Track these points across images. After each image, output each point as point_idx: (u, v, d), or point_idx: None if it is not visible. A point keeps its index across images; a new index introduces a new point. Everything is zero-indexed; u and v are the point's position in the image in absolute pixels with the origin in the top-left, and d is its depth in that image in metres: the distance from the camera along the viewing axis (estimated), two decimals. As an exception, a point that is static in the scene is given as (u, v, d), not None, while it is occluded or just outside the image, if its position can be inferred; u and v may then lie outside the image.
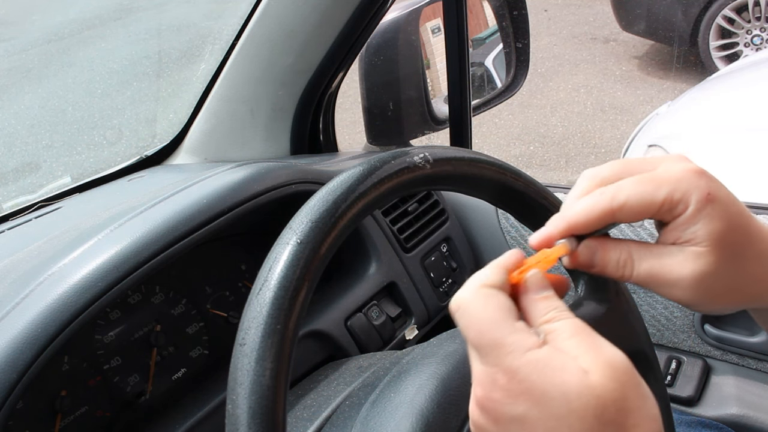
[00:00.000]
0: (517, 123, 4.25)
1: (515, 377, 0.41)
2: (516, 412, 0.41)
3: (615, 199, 0.49)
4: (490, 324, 0.43)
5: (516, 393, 0.41)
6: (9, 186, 3.83)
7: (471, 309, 0.44)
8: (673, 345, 1.20)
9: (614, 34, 5.20)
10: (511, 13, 1.40)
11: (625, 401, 0.41)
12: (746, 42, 4.37)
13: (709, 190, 0.48)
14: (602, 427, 0.40)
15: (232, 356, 0.48)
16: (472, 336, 0.44)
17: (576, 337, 0.43)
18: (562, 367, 0.41)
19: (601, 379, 0.41)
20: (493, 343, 0.43)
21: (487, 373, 0.43)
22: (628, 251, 0.51)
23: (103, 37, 5.85)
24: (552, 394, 0.41)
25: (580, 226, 0.50)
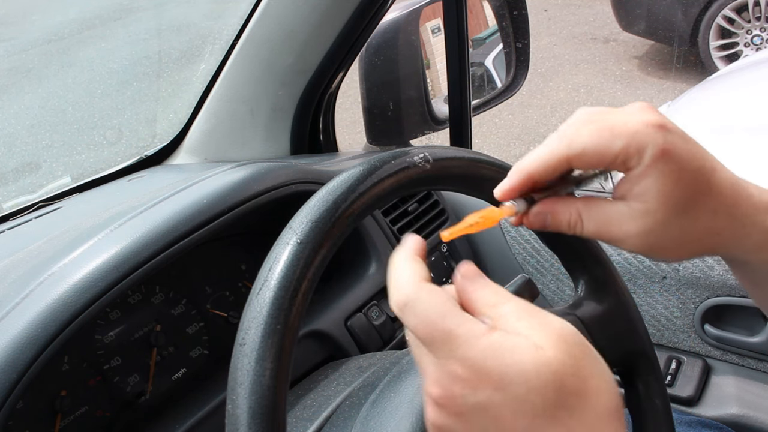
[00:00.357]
0: (517, 123, 4.25)
1: (472, 366, 0.41)
2: (478, 401, 0.41)
3: (571, 146, 0.50)
4: (439, 317, 0.43)
5: (475, 381, 0.41)
6: (9, 186, 3.83)
7: (417, 305, 0.44)
8: (673, 345, 1.20)
9: (614, 34, 5.20)
10: (511, 13, 1.40)
11: (581, 369, 0.42)
12: (746, 42, 4.37)
13: (665, 145, 0.48)
14: (564, 399, 0.41)
15: (232, 356, 0.48)
16: (423, 332, 0.43)
17: (524, 318, 0.43)
18: (515, 348, 0.41)
19: (555, 353, 0.41)
20: (446, 336, 0.42)
21: (443, 368, 0.42)
22: (576, 211, 0.52)
23: (103, 37, 5.85)
24: (510, 375, 0.41)
25: (539, 173, 0.51)
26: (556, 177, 0.52)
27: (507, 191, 0.52)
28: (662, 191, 0.49)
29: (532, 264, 1.24)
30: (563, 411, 0.41)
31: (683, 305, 1.16)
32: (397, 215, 1.15)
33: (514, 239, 1.25)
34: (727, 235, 0.51)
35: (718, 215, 0.50)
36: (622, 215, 0.50)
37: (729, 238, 0.52)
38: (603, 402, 0.42)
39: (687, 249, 0.52)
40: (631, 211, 0.50)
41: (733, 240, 0.52)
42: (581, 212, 0.52)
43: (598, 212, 0.52)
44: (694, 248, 0.52)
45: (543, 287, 1.24)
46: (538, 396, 0.41)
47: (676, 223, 0.49)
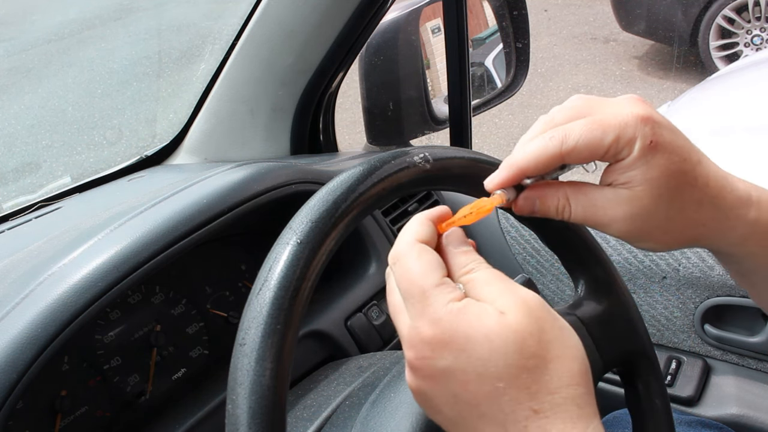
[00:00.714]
0: (517, 123, 4.25)
1: (437, 327, 0.43)
2: (446, 364, 0.43)
3: (564, 142, 0.51)
4: (419, 275, 0.46)
5: (442, 343, 0.43)
6: (9, 186, 3.83)
7: (405, 261, 0.47)
8: (673, 345, 1.20)
9: (614, 34, 5.20)
10: (511, 13, 1.40)
11: (543, 333, 0.43)
12: (746, 42, 4.37)
13: (654, 137, 0.50)
14: (525, 361, 0.42)
15: (232, 356, 0.48)
16: (404, 286, 0.46)
17: (491, 284, 0.45)
18: (480, 313, 0.43)
19: (517, 316, 0.43)
20: (420, 293, 0.45)
21: (414, 329, 0.44)
22: (564, 196, 0.53)
23: (103, 37, 5.85)
24: (474, 337, 0.43)
25: (531, 169, 0.52)
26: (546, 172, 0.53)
27: (497, 184, 0.53)
28: (649, 180, 0.50)
29: (532, 264, 1.24)
30: (525, 374, 0.42)
31: (683, 305, 1.16)
32: (397, 215, 1.15)
33: (514, 239, 1.25)
34: (712, 227, 0.53)
35: (702, 206, 0.52)
36: (609, 200, 0.52)
37: (714, 229, 0.53)
38: (567, 367, 0.43)
39: (672, 237, 0.53)
40: (618, 197, 0.51)
41: (717, 232, 0.53)
42: (569, 197, 0.53)
43: (585, 197, 0.53)
44: (678, 237, 0.53)
45: (543, 287, 1.24)
46: (500, 357, 0.42)
47: (662, 210, 0.51)
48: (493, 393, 0.42)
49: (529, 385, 0.42)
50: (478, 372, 0.43)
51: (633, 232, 0.52)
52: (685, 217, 0.52)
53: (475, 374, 0.43)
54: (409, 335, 0.45)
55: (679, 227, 0.52)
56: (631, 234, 0.52)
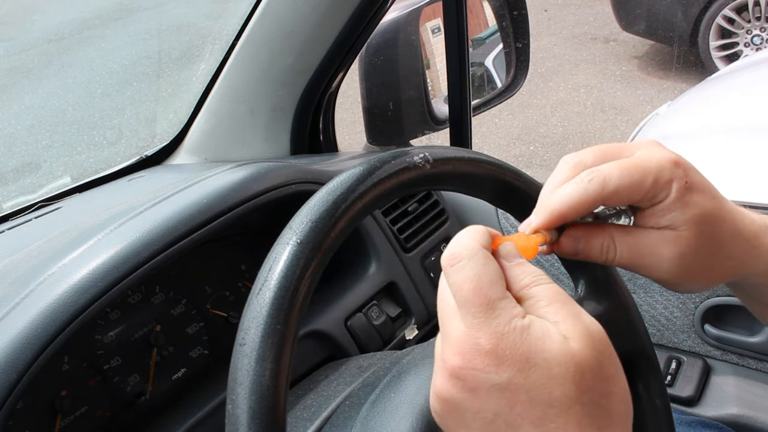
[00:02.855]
0: (517, 123, 4.25)
1: (500, 341, 0.41)
2: (498, 380, 0.41)
3: (606, 185, 0.50)
4: (486, 284, 0.43)
5: (499, 359, 0.41)
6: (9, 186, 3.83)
7: (470, 266, 0.44)
8: (673, 345, 1.20)
9: (614, 34, 5.20)
10: (511, 13, 1.40)
11: (602, 369, 0.42)
12: (746, 42, 4.37)
13: (687, 179, 0.51)
14: (580, 394, 0.41)
15: (232, 356, 0.48)
16: (466, 292, 0.43)
17: (555, 303, 0.44)
18: (544, 335, 0.42)
19: (580, 346, 0.41)
20: (486, 304, 0.43)
21: (470, 337, 0.42)
22: (610, 236, 0.53)
23: (103, 37, 5.85)
24: (535, 360, 0.41)
25: (570, 215, 0.51)
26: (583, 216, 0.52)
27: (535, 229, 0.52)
28: (690, 219, 0.51)
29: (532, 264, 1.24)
30: (578, 406, 0.41)
31: (683, 305, 1.16)
32: (397, 215, 1.15)
33: (514, 239, 1.25)
34: (743, 259, 0.53)
35: (734, 240, 0.53)
36: (657, 241, 0.51)
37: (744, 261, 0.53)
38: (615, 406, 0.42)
39: (712, 275, 0.53)
40: (665, 238, 0.51)
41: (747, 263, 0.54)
42: (615, 238, 0.53)
43: (632, 238, 0.52)
44: (716, 274, 0.53)
45: (543, 287, 1.24)
46: (557, 385, 0.41)
47: (705, 248, 0.51)
48: (541, 419, 0.41)
49: (580, 419, 0.41)
50: (530, 395, 0.41)
51: (678, 273, 0.52)
52: (722, 252, 0.52)
53: (527, 397, 0.41)
54: (462, 343, 0.42)
55: (717, 263, 0.53)
56: (677, 275, 0.52)
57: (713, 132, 2.25)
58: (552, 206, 0.51)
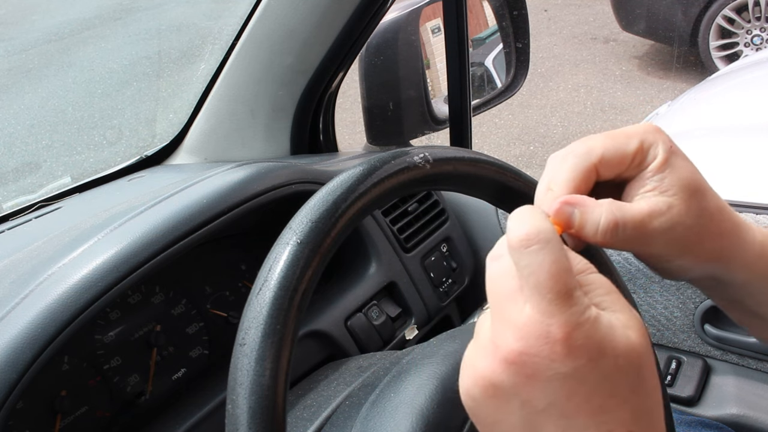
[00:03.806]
0: (517, 123, 4.25)
1: (574, 332, 0.40)
2: (564, 369, 0.40)
3: (592, 153, 0.50)
4: (566, 271, 0.42)
5: (571, 349, 0.40)
6: (9, 186, 3.83)
7: (548, 250, 0.42)
8: (673, 345, 1.20)
9: (614, 34, 5.20)
10: (511, 13, 1.40)
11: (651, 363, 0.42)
12: (746, 42, 4.38)
13: (671, 143, 0.51)
14: (639, 385, 0.41)
15: (232, 356, 0.48)
16: (545, 278, 0.41)
17: (611, 293, 0.43)
18: (612, 326, 0.41)
19: (638, 338, 0.42)
20: (565, 292, 0.41)
21: (541, 324, 0.40)
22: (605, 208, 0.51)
23: (103, 37, 5.85)
24: (605, 351, 0.40)
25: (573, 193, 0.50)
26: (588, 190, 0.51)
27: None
28: (680, 183, 0.50)
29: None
30: (635, 397, 0.41)
31: (683, 305, 1.16)
32: (397, 215, 1.15)
33: (514, 239, 1.25)
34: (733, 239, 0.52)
35: (723, 213, 0.52)
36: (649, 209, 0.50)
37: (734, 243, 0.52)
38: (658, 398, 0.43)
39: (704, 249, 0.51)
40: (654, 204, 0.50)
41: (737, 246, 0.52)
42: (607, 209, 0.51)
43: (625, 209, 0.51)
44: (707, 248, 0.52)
45: (543, 287, 1.24)
46: (622, 376, 0.41)
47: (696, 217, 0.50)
48: (600, 410, 0.40)
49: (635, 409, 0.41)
50: (594, 386, 0.40)
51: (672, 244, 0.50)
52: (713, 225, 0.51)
53: (591, 387, 0.40)
54: (529, 328, 0.41)
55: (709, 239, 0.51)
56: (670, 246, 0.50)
57: (713, 132, 2.25)
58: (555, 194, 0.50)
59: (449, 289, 1.19)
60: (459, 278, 1.22)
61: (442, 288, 1.18)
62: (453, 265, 1.22)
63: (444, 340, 0.74)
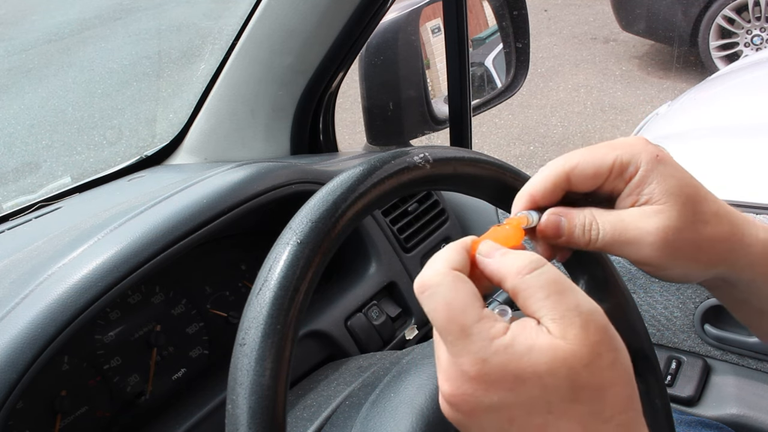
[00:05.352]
0: (517, 123, 4.25)
1: (483, 366, 0.40)
2: (490, 402, 0.41)
3: (568, 161, 0.51)
4: (457, 311, 0.42)
5: (488, 383, 0.40)
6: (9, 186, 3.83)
7: (439, 293, 0.43)
8: (673, 345, 1.20)
9: (614, 34, 5.20)
10: (511, 13, 1.40)
11: (599, 360, 0.41)
12: (746, 42, 4.37)
13: (658, 152, 0.50)
14: (578, 394, 0.40)
15: (232, 356, 0.48)
16: (440, 322, 0.42)
17: (551, 296, 0.42)
18: (531, 347, 0.40)
19: (572, 346, 0.40)
20: (461, 331, 0.41)
21: (455, 365, 0.41)
22: (591, 214, 0.52)
23: (103, 37, 5.85)
24: (524, 377, 0.40)
25: (539, 193, 0.51)
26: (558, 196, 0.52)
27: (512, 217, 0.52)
28: (669, 190, 0.50)
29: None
30: (578, 405, 0.40)
31: (683, 305, 1.16)
32: (397, 215, 1.15)
33: (514, 239, 1.25)
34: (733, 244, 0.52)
35: (720, 219, 0.51)
36: (639, 217, 0.50)
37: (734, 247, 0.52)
38: (620, 393, 0.42)
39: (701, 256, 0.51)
40: (646, 213, 0.50)
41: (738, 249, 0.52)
42: (595, 215, 0.52)
43: (612, 215, 0.51)
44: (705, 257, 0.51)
45: (543, 287, 1.24)
46: (552, 394, 0.40)
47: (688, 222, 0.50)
48: (543, 426, 0.40)
49: (581, 416, 0.40)
50: (526, 408, 0.41)
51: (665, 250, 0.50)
52: (707, 232, 0.50)
53: (524, 410, 0.41)
54: (449, 370, 0.42)
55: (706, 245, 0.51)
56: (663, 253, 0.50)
57: (713, 132, 2.25)
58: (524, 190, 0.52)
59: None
60: (459, 278, 1.22)
61: (442, 288, 1.17)
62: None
63: (444, 340, 0.73)
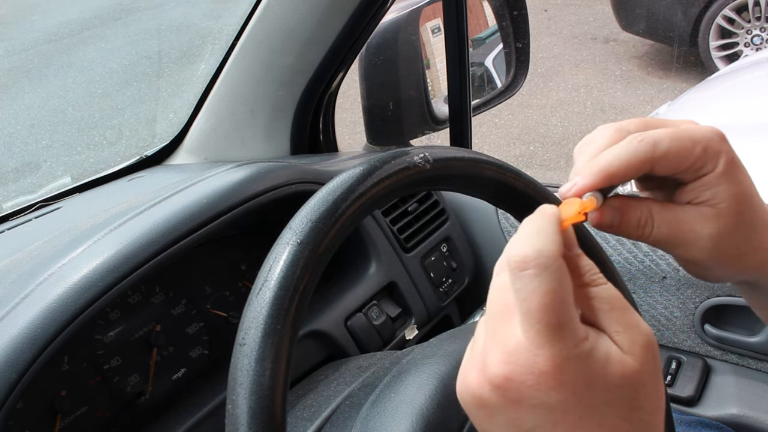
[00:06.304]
0: (517, 123, 4.25)
1: (562, 365, 0.39)
2: (548, 400, 0.39)
3: (657, 147, 0.48)
4: (559, 302, 0.39)
5: (557, 382, 0.39)
6: (9, 186, 3.83)
7: (545, 278, 0.40)
8: (673, 345, 1.20)
9: (614, 34, 5.20)
10: (511, 13, 1.40)
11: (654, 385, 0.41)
12: (746, 42, 4.37)
13: (733, 155, 0.50)
14: (631, 414, 0.40)
15: (232, 356, 0.48)
16: (535, 307, 0.39)
17: (615, 311, 0.41)
18: (607, 358, 0.40)
19: (638, 364, 0.40)
20: (554, 324, 0.39)
21: (529, 353, 0.39)
22: (648, 210, 0.51)
23: (103, 37, 5.85)
24: (594, 385, 0.39)
25: (619, 175, 0.48)
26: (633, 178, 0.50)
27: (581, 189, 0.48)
28: (732, 196, 0.49)
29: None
30: (626, 424, 0.40)
31: (683, 305, 1.16)
32: (397, 215, 1.15)
33: (514, 239, 1.25)
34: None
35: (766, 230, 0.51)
36: (694, 217, 0.49)
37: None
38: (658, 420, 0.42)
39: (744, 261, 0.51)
40: (703, 214, 0.49)
41: None
42: (653, 211, 0.50)
43: (670, 213, 0.50)
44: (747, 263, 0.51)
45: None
46: (611, 408, 0.39)
47: (741, 231, 0.50)
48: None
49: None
50: (580, 417, 0.39)
51: (712, 255, 0.50)
52: (756, 239, 0.50)
53: (576, 418, 0.39)
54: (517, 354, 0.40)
55: (751, 251, 0.51)
56: (710, 257, 0.50)
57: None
58: (600, 165, 0.48)
59: (449, 289, 1.19)
60: (459, 278, 1.22)
61: (442, 288, 1.18)
62: (453, 265, 1.22)
63: (444, 340, 0.74)
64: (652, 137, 0.48)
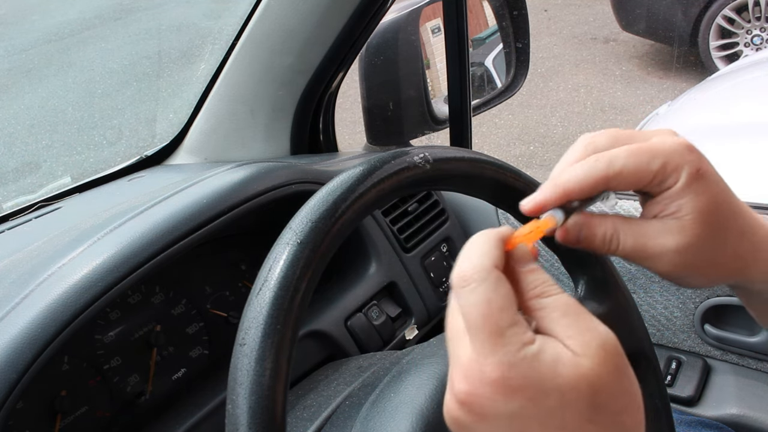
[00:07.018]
0: (517, 123, 4.25)
1: (508, 371, 0.40)
2: (507, 409, 0.40)
3: (611, 166, 0.49)
4: (496, 310, 0.41)
5: (509, 388, 0.40)
6: (9, 186, 3.83)
7: (481, 290, 0.42)
8: (673, 345, 1.20)
9: (614, 34, 5.20)
10: (511, 13, 1.40)
11: (616, 384, 0.41)
12: (746, 42, 4.37)
13: (699, 166, 0.49)
14: (594, 414, 0.40)
15: (232, 356, 0.48)
16: (474, 318, 0.41)
17: (567, 317, 0.42)
18: (556, 360, 0.40)
19: (593, 364, 0.40)
20: (494, 331, 0.41)
21: (478, 364, 0.41)
22: (613, 226, 0.52)
23: (103, 37, 5.85)
24: (546, 388, 0.40)
25: (575, 192, 0.50)
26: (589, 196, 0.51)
27: (538, 205, 0.50)
28: (698, 208, 0.49)
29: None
30: (591, 425, 0.40)
31: (683, 305, 1.16)
32: (397, 215, 1.15)
33: (514, 239, 1.25)
34: (749, 259, 0.52)
35: (743, 237, 0.51)
36: (659, 231, 0.50)
37: (751, 262, 0.52)
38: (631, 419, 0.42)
39: (716, 271, 0.52)
40: (668, 228, 0.50)
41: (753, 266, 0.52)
42: (617, 227, 0.51)
43: (634, 227, 0.51)
44: (721, 271, 0.52)
45: (543, 287, 1.24)
46: (570, 410, 0.40)
47: (709, 241, 0.50)
48: None
49: None
50: (541, 421, 0.40)
51: (682, 266, 0.50)
52: (729, 249, 0.51)
53: (538, 423, 0.40)
54: (469, 369, 0.41)
55: (722, 260, 0.51)
56: (680, 268, 0.50)
57: (713, 132, 2.25)
58: (557, 182, 0.50)
59: (449, 289, 1.18)
60: (459, 278, 1.22)
61: (442, 288, 1.18)
62: (453, 265, 1.22)
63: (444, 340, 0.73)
64: (607, 156, 0.49)
